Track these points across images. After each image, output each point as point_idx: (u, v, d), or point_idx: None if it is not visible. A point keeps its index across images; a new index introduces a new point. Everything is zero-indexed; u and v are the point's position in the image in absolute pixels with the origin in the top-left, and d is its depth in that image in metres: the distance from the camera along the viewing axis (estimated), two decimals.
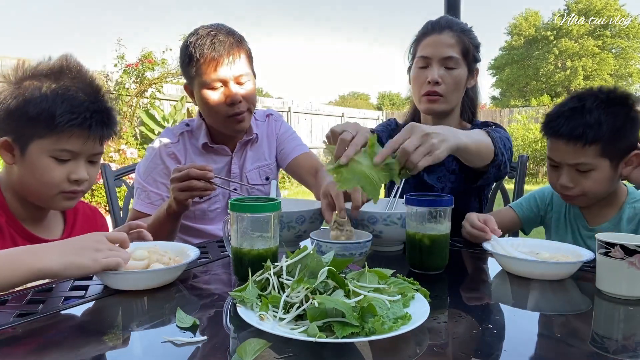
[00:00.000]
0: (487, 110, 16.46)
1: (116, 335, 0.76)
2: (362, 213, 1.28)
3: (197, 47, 1.52)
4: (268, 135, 1.86)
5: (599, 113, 1.27)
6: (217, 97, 1.57)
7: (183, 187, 1.35)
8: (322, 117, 13.63)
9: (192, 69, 1.55)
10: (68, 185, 1.15)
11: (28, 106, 1.09)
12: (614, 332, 0.82)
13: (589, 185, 1.31)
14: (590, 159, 1.28)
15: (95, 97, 1.16)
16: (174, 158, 1.68)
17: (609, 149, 1.28)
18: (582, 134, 1.26)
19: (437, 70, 1.51)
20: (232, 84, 1.56)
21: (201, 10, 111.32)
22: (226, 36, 1.55)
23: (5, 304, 0.86)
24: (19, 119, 1.10)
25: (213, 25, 1.60)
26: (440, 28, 1.53)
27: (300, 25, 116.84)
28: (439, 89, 1.52)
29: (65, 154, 1.14)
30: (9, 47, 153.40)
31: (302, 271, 0.79)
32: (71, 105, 1.11)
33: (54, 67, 1.15)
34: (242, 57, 1.58)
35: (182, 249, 1.11)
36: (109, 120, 1.19)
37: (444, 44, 1.51)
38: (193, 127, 1.74)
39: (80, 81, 1.16)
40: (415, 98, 1.62)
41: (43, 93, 1.10)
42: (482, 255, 1.28)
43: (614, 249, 0.91)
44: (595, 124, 1.26)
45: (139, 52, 7.01)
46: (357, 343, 0.69)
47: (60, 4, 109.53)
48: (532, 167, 11.65)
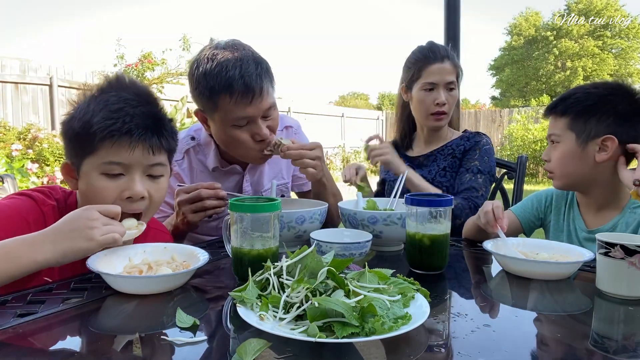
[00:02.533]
0: (487, 110, 16.46)
1: (116, 335, 0.76)
2: (362, 213, 1.29)
3: (221, 79, 1.34)
4: None
5: (580, 92, 1.36)
6: (244, 135, 1.42)
7: (197, 208, 1.32)
8: (322, 117, 13.64)
9: (212, 102, 1.39)
10: (124, 204, 1.05)
11: (74, 122, 1.06)
12: (614, 332, 0.82)
13: (554, 158, 1.38)
14: (558, 130, 1.37)
15: (138, 102, 1.08)
16: (177, 177, 1.56)
17: (576, 123, 1.33)
18: (554, 106, 1.40)
19: (443, 94, 1.78)
20: (259, 119, 1.42)
21: (201, 10, 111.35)
22: (255, 66, 1.36)
23: (5, 304, 0.86)
24: (70, 138, 1.08)
25: (231, 46, 1.41)
26: (442, 57, 1.80)
27: (300, 25, 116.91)
28: (445, 109, 1.80)
29: (115, 167, 1.05)
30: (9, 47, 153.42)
31: (302, 271, 0.79)
32: (109, 111, 1.04)
33: (102, 84, 1.11)
34: (269, 88, 1.42)
35: (192, 252, 1.08)
36: (156, 125, 1.08)
37: (447, 72, 1.79)
38: (200, 142, 1.60)
39: (125, 90, 1.10)
40: (422, 116, 1.85)
41: (85, 106, 1.07)
42: (482, 255, 1.28)
43: (614, 249, 0.91)
44: (568, 99, 1.36)
45: (138, 52, 7.03)
46: (357, 343, 0.69)
47: (60, 4, 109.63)
48: (531, 167, 11.65)
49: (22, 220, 1.03)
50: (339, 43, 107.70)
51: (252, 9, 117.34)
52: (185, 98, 7.19)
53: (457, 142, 1.84)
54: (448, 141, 1.86)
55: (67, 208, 1.13)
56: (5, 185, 1.87)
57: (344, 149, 13.71)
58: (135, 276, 0.95)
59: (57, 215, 1.07)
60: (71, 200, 1.16)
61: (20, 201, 1.09)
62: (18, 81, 6.52)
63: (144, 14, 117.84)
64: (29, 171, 4.86)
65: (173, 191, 1.43)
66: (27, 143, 5.50)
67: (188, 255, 1.07)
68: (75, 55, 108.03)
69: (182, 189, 1.36)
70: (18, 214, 1.05)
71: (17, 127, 5.99)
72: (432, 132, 1.88)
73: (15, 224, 1.00)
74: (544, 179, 11.51)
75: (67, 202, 1.15)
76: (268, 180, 1.68)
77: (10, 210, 1.05)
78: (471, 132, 1.89)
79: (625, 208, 1.35)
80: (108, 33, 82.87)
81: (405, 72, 1.87)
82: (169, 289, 0.95)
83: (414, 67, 1.82)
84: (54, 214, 1.09)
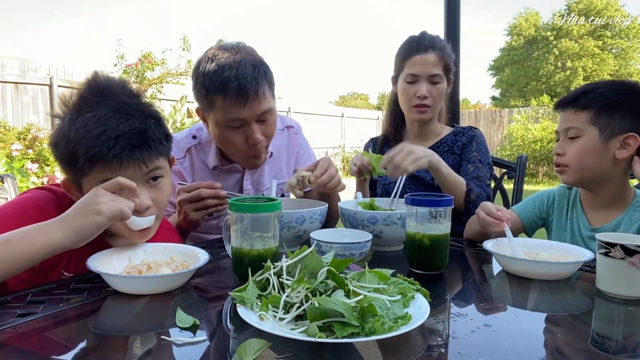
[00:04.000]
0: (487, 110, 16.46)
1: (116, 335, 0.76)
2: (362, 213, 1.29)
3: (217, 79, 1.35)
4: (288, 150, 1.75)
5: (603, 87, 1.33)
6: (237, 136, 1.43)
7: (199, 207, 1.33)
8: (322, 117, 13.64)
9: (208, 101, 1.40)
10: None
11: (59, 150, 1.04)
12: (614, 332, 0.82)
13: (573, 152, 1.34)
14: (580, 124, 1.33)
15: (117, 120, 1.03)
16: (179, 176, 1.57)
17: (600, 118, 1.31)
18: (576, 99, 1.35)
19: (425, 86, 1.72)
20: (253, 123, 1.41)
21: (201, 8, 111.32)
22: (252, 69, 1.36)
23: (5, 304, 0.86)
24: (61, 162, 1.06)
25: (233, 48, 1.41)
26: (425, 48, 1.73)
27: (300, 25, 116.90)
28: (427, 102, 1.74)
29: None
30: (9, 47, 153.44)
31: (302, 271, 0.79)
32: (90, 138, 1.00)
33: (76, 97, 1.06)
34: (266, 92, 1.40)
35: (192, 252, 1.08)
36: (143, 141, 1.05)
37: (430, 63, 1.72)
38: (201, 140, 1.60)
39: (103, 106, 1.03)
40: (405, 108, 1.82)
41: (64, 134, 1.03)
42: (482, 255, 1.28)
43: (614, 249, 0.91)
44: (591, 93, 1.33)
45: (138, 52, 7.03)
46: (357, 343, 0.69)
47: (60, 4, 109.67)
48: (532, 167, 11.65)
49: (43, 213, 1.04)
50: (339, 43, 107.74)
51: (252, 8, 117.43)
52: (185, 98, 7.18)
53: (452, 138, 1.82)
54: (441, 137, 1.84)
55: None
56: (5, 185, 1.86)
57: (344, 148, 13.71)
58: (135, 276, 0.95)
59: None
60: None
61: (41, 194, 1.11)
62: (18, 81, 6.51)
63: (144, 14, 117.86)
64: (29, 171, 4.85)
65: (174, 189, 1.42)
66: (27, 143, 5.50)
67: (188, 256, 1.07)
68: (75, 55, 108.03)
69: (183, 188, 1.37)
70: (39, 207, 1.07)
71: (17, 127, 5.98)
72: (421, 126, 1.84)
73: (36, 217, 1.00)
74: (544, 179, 11.51)
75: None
76: (269, 179, 1.68)
77: (31, 203, 1.08)
78: (463, 127, 1.87)
79: (630, 206, 1.35)
80: (108, 33, 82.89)
81: (394, 63, 1.84)
82: (169, 289, 0.95)
83: (399, 58, 1.80)
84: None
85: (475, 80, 60.47)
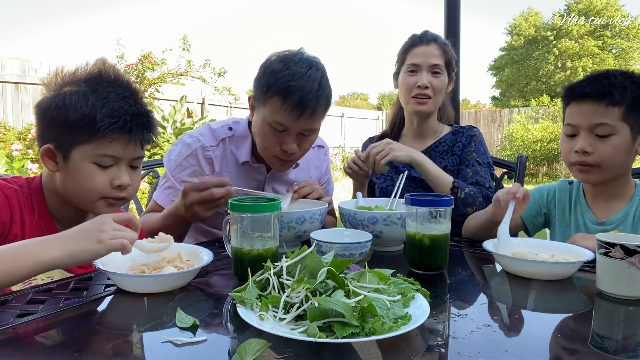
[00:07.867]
0: (487, 110, 16.47)
1: (116, 335, 0.76)
2: (362, 213, 1.29)
3: (282, 83, 1.36)
4: (317, 167, 1.77)
5: (624, 79, 1.27)
6: (275, 138, 1.44)
7: (211, 206, 1.33)
8: None
9: (264, 97, 1.41)
10: (111, 191, 1.14)
11: (69, 112, 1.08)
12: (614, 332, 0.82)
13: (607, 152, 1.26)
14: (612, 120, 1.25)
15: (134, 100, 1.15)
16: (210, 163, 1.58)
17: (631, 115, 1.25)
18: (608, 93, 1.25)
19: (426, 76, 1.73)
20: (295, 134, 1.43)
21: (201, 9, 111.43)
22: (317, 87, 1.38)
23: (5, 304, 0.86)
24: (61, 125, 1.10)
25: (308, 59, 1.43)
26: (427, 40, 1.76)
27: (300, 25, 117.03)
28: (428, 92, 1.74)
29: (108, 160, 1.12)
30: (8, 47, 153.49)
31: (302, 271, 0.79)
32: (111, 109, 1.10)
33: (92, 72, 1.15)
34: (321, 113, 1.43)
35: (195, 251, 1.09)
36: (149, 123, 1.18)
37: (432, 54, 1.74)
38: (237, 134, 1.62)
39: (118, 85, 1.15)
40: (404, 100, 1.81)
41: (83, 99, 1.09)
42: (482, 255, 1.28)
43: (614, 249, 0.91)
44: (620, 87, 1.25)
45: (138, 52, 7.02)
46: (357, 343, 0.69)
47: (60, 4, 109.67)
48: (532, 167, 11.65)
49: None
50: (339, 43, 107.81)
51: (252, 8, 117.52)
52: (185, 98, 7.18)
53: (451, 138, 1.81)
54: (440, 137, 1.83)
55: (31, 192, 1.18)
56: None
57: (344, 148, 13.71)
58: (141, 275, 0.95)
59: (20, 198, 1.14)
60: (35, 184, 1.20)
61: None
62: (18, 81, 6.51)
63: (144, 14, 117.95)
64: (29, 171, 4.85)
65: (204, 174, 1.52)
66: (27, 143, 5.49)
67: (191, 255, 1.08)
68: (75, 55, 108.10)
69: (191, 188, 1.33)
70: None
71: (17, 127, 5.98)
72: (420, 121, 1.82)
73: None
74: (544, 179, 11.51)
75: (30, 187, 1.19)
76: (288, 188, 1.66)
77: None
78: (462, 126, 1.86)
79: (634, 197, 1.34)
80: (108, 33, 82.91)
81: (396, 60, 1.85)
82: (175, 287, 0.95)
83: (400, 52, 1.81)
84: (17, 196, 1.14)
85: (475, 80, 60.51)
